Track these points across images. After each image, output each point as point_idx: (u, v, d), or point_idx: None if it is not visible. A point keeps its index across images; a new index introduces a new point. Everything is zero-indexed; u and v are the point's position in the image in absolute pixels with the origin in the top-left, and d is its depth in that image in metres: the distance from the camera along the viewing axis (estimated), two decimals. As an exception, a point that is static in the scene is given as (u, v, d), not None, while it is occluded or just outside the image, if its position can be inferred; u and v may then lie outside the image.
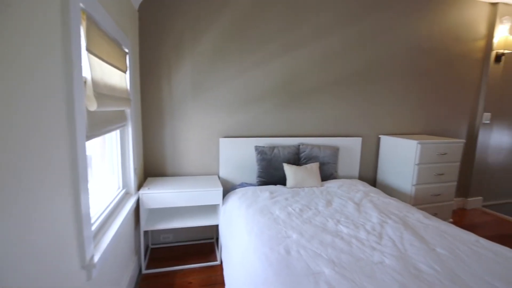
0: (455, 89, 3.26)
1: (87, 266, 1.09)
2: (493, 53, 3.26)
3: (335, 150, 2.56)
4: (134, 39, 2.02)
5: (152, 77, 2.22)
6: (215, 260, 2.22)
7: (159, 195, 1.99)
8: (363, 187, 2.35)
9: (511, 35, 3.24)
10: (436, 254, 1.34)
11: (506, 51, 3.23)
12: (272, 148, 2.38)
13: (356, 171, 2.84)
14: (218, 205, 2.18)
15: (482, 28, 3.24)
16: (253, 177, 2.48)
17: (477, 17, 3.19)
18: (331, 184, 2.38)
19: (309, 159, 2.46)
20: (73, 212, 1.01)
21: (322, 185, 2.36)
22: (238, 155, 2.45)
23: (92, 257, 1.14)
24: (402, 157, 2.64)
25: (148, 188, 2.00)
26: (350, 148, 2.77)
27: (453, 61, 3.18)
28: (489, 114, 3.38)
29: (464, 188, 3.52)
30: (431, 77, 3.10)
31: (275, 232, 1.52)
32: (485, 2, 3.18)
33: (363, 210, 1.88)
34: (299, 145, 2.51)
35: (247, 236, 1.53)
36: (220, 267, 2.12)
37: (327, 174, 2.52)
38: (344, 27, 2.64)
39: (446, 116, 3.28)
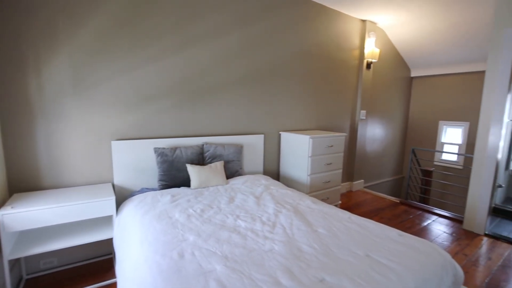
0: (339, 90, 3.83)
1: None
2: (365, 61, 3.97)
3: (240, 148, 2.65)
4: (-20, 20, 1.60)
5: (12, 70, 1.80)
6: (113, 277, 1.99)
7: (30, 213, 1.64)
8: (265, 181, 2.51)
9: (376, 47, 4.01)
10: (317, 234, 1.53)
11: (373, 60, 3.98)
12: (174, 149, 2.28)
13: (260, 167, 3.01)
14: (112, 216, 1.95)
15: (356, 40, 3.90)
16: (155, 181, 2.33)
17: (353, 30, 3.82)
18: (236, 181, 2.45)
19: (213, 158, 2.47)
20: None
21: (227, 183, 2.40)
22: (136, 159, 2.25)
23: None
24: (298, 151, 2.93)
25: (12, 207, 1.62)
26: (254, 145, 2.92)
27: (337, 66, 3.72)
28: (365, 111, 4.11)
29: (349, 173, 4.19)
30: (321, 79, 3.55)
31: (171, 237, 1.46)
32: (357, 18, 3.83)
33: (262, 203, 2.00)
34: (203, 145, 2.49)
35: (139, 245, 1.41)
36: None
37: (232, 172, 2.58)
38: (244, 26, 2.74)
39: (334, 113, 3.82)
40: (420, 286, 1.17)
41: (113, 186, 2.20)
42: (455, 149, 4.84)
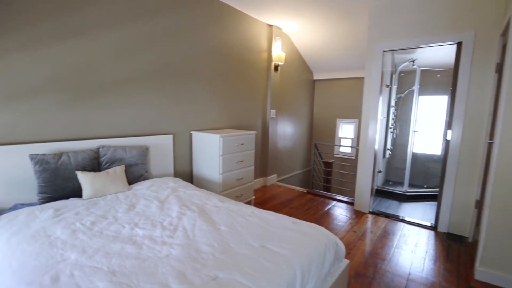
0: (250, 90, 3.98)
1: None
2: (273, 64, 4.24)
3: (144, 150, 2.46)
4: None
5: None
6: (-28, 321, 1.57)
7: None
8: (174, 183, 2.40)
9: (282, 51, 4.33)
10: (219, 232, 1.54)
11: (280, 63, 4.29)
12: (59, 154, 1.95)
13: (171, 169, 2.87)
14: (-35, 244, 1.53)
15: (264, 43, 4.12)
16: (36, 194, 1.94)
17: (261, 34, 4.02)
18: (140, 186, 2.26)
19: (112, 163, 2.22)
20: None
21: (129, 189, 2.20)
22: (5, 169, 1.83)
23: None
24: (210, 150, 2.92)
25: None
26: (162, 146, 2.76)
27: (247, 67, 3.86)
28: (274, 110, 4.40)
29: (263, 169, 4.42)
30: (232, 79, 3.62)
31: (46, 259, 1.23)
32: (264, 23, 4.06)
33: (167, 206, 1.91)
34: (98, 148, 2.21)
35: (-2, 276, 1.15)
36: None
37: (136, 176, 2.38)
38: (147, 19, 2.55)
39: (246, 112, 3.96)
40: (305, 266, 1.30)
41: (-31, 205, 1.74)
42: (349, 142, 5.68)
